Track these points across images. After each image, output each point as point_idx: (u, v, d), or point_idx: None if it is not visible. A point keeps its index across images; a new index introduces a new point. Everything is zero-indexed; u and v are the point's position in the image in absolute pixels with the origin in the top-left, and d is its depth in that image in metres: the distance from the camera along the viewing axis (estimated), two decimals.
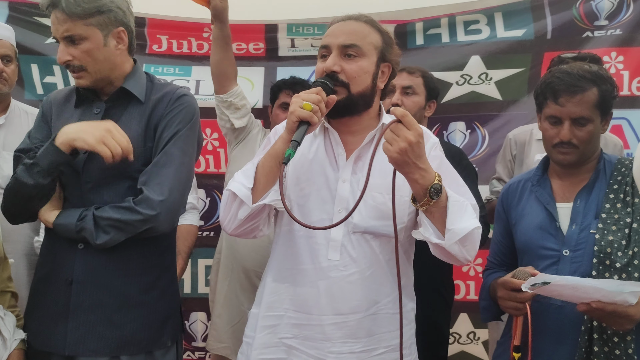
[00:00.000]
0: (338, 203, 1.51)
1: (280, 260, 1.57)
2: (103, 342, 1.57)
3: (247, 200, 1.45)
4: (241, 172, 1.51)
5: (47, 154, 1.54)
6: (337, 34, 1.53)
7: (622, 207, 1.62)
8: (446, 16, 3.03)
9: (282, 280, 1.55)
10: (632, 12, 2.85)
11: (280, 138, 1.48)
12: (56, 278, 1.61)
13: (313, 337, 1.50)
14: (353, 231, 1.50)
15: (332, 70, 1.50)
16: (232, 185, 1.48)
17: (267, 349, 1.54)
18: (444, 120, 3.07)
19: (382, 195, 1.50)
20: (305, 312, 1.51)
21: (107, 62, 1.63)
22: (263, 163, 1.48)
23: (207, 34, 3.13)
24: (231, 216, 1.49)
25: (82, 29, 1.57)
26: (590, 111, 1.64)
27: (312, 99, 1.41)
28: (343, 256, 1.50)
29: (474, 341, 3.08)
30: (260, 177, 1.46)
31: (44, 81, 3.06)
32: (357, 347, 1.50)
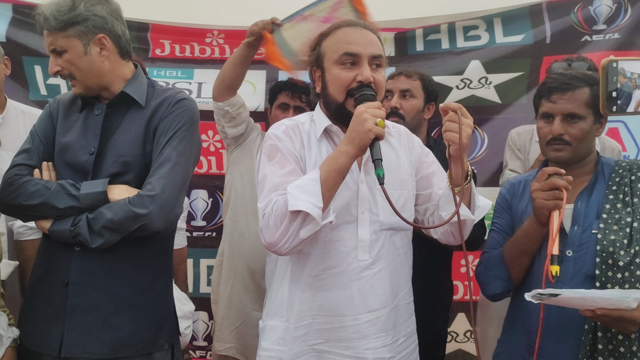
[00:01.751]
0: (361, 204, 1.55)
1: (305, 268, 1.56)
2: (99, 343, 1.58)
3: (319, 218, 1.40)
4: (298, 188, 1.42)
5: (94, 199, 1.57)
6: (365, 44, 1.56)
7: (622, 207, 1.66)
8: (446, 23, 3.06)
9: (309, 288, 1.55)
10: (630, 16, 2.89)
11: (343, 153, 1.44)
12: (52, 279, 1.62)
13: (348, 338, 1.53)
14: (380, 229, 1.56)
15: (370, 81, 1.53)
16: (300, 205, 1.38)
17: (298, 358, 1.55)
18: None
19: (396, 191, 1.58)
20: (337, 314, 1.53)
21: (92, 70, 1.65)
22: (327, 178, 1.42)
23: (210, 39, 3.16)
24: (291, 235, 1.42)
25: (62, 41, 1.62)
26: (582, 109, 1.70)
27: (382, 115, 1.44)
28: (372, 255, 1.55)
29: (470, 339, 3.11)
30: (326, 192, 1.42)
31: (48, 82, 3.07)
32: (388, 340, 1.57)
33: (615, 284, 1.58)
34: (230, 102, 2.57)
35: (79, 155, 1.65)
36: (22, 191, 1.60)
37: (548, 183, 1.61)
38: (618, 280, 1.58)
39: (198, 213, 3.18)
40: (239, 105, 2.60)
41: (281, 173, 1.51)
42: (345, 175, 1.46)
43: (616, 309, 1.45)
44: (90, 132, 1.67)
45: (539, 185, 1.63)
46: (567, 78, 1.72)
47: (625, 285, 1.57)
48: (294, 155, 1.57)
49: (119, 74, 1.70)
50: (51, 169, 1.67)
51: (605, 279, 1.59)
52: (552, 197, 1.59)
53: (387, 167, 1.54)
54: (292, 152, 1.57)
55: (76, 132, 1.68)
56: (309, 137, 1.62)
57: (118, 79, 1.70)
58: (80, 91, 1.69)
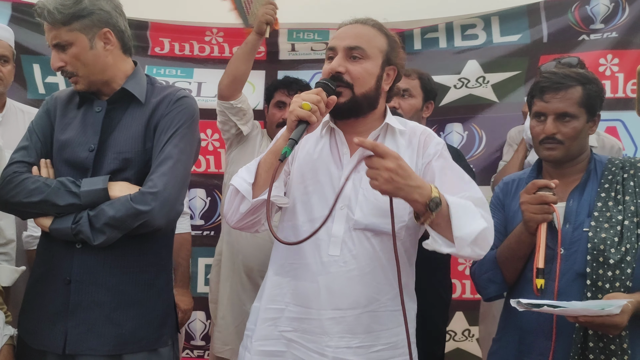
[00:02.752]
0: (341, 200, 1.54)
1: (282, 255, 1.60)
2: (103, 340, 1.58)
3: (248, 194, 1.49)
4: (245, 167, 1.56)
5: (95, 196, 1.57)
6: (344, 37, 1.58)
7: (614, 205, 1.66)
8: (443, 22, 3.07)
9: (284, 274, 1.58)
10: (627, 15, 2.89)
11: (281, 137, 1.52)
12: (54, 277, 1.62)
13: (312, 331, 1.53)
14: (354, 228, 1.53)
15: (337, 70, 1.54)
16: (235, 180, 1.53)
17: (268, 340, 1.56)
18: (441, 122, 3.10)
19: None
20: (305, 306, 1.54)
21: (97, 65, 1.65)
22: (265, 159, 1.52)
23: (209, 37, 3.17)
24: (233, 210, 1.54)
25: (66, 35, 1.61)
26: (574, 108, 1.71)
27: (311, 99, 1.45)
28: (343, 252, 1.52)
29: (468, 338, 3.11)
30: (262, 172, 1.51)
31: (46, 81, 3.08)
32: (354, 343, 1.52)
33: (605, 281, 1.58)
34: (240, 99, 2.60)
35: (79, 152, 1.64)
36: (22, 189, 1.59)
37: (538, 197, 1.61)
38: (609, 278, 1.58)
39: (196, 212, 3.18)
40: (246, 102, 2.64)
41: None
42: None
43: (598, 316, 1.46)
44: (90, 129, 1.66)
45: (529, 198, 1.62)
46: (559, 77, 1.73)
47: (616, 283, 1.58)
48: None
49: (121, 70, 1.71)
50: (49, 166, 1.67)
51: (596, 276, 1.59)
52: (541, 211, 1.60)
53: None
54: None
55: (75, 129, 1.68)
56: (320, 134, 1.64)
57: (120, 75, 1.70)
58: (83, 87, 1.68)
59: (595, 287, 1.59)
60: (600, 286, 1.59)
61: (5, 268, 1.88)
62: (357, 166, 1.55)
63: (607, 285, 1.58)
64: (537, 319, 1.63)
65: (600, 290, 1.59)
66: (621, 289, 1.58)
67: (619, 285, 1.58)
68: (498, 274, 1.78)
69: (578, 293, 1.61)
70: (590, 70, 1.91)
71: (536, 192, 1.62)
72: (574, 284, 1.63)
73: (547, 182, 1.62)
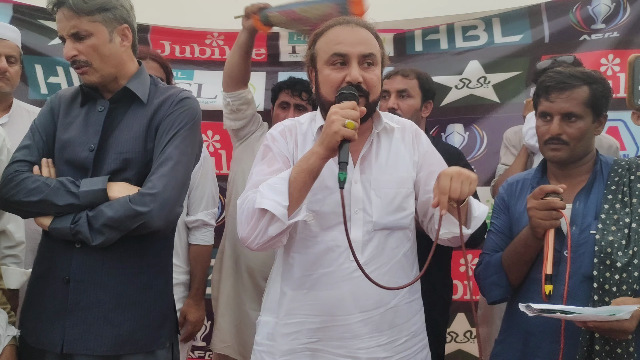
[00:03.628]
0: (354, 204, 1.54)
1: (296, 268, 1.57)
2: (100, 340, 1.57)
3: (284, 217, 1.41)
4: (268, 187, 1.45)
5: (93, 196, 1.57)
6: (353, 43, 1.54)
7: (621, 208, 1.65)
8: (445, 24, 3.06)
9: (300, 287, 1.56)
10: (628, 15, 2.88)
11: (314, 154, 1.43)
12: (53, 276, 1.61)
13: (340, 337, 1.53)
14: (374, 229, 1.54)
15: (359, 81, 1.50)
16: (265, 203, 1.41)
17: (292, 355, 1.55)
18: (442, 122, 3.10)
19: (392, 190, 1.56)
20: (329, 314, 1.53)
21: (113, 58, 1.65)
22: (296, 178, 1.43)
23: (210, 40, 3.17)
24: (259, 232, 1.44)
25: (88, 25, 1.61)
26: (580, 108, 1.69)
27: (353, 116, 1.39)
28: (364, 255, 1.52)
29: (470, 339, 3.10)
30: (294, 192, 1.42)
31: (48, 81, 3.09)
32: (383, 340, 1.55)
33: (612, 285, 1.57)
34: (234, 94, 2.57)
35: (79, 151, 1.64)
36: (22, 188, 1.59)
37: (545, 203, 1.58)
38: (616, 282, 1.57)
39: None
40: (242, 100, 2.59)
41: (266, 172, 1.52)
42: (315, 176, 1.44)
43: (607, 322, 1.45)
44: (91, 128, 1.66)
45: (536, 203, 1.60)
46: (564, 77, 1.71)
47: (623, 286, 1.56)
48: (284, 156, 1.58)
49: (129, 68, 1.71)
50: (51, 165, 1.67)
51: (603, 279, 1.58)
52: (549, 217, 1.58)
53: (382, 165, 1.56)
54: (283, 153, 1.58)
55: (77, 129, 1.67)
56: (304, 137, 1.62)
57: (127, 73, 1.70)
58: (94, 80, 1.66)
59: (603, 290, 1.57)
60: (608, 289, 1.57)
61: (14, 271, 1.88)
62: (364, 168, 1.57)
63: (614, 288, 1.57)
64: (542, 321, 1.61)
65: (607, 294, 1.57)
66: (628, 292, 1.56)
67: (626, 289, 1.56)
68: (503, 277, 1.76)
69: (585, 296, 1.60)
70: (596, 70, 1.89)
71: (544, 198, 1.60)
72: (580, 286, 1.61)
73: (555, 188, 1.60)
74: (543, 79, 1.77)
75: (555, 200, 1.58)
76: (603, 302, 1.57)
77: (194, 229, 2.48)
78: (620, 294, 1.56)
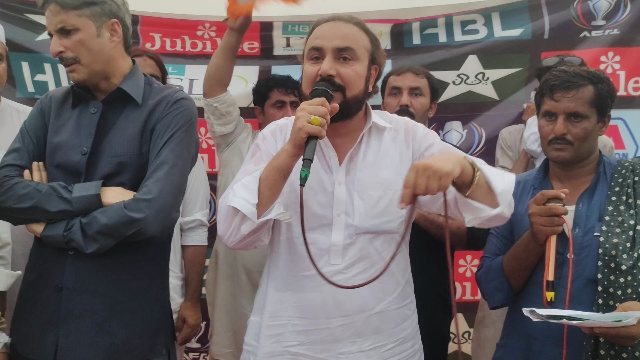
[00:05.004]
0: (337, 207, 1.51)
1: (280, 269, 1.56)
2: (95, 349, 1.55)
3: (252, 216, 1.41)
4: (241, 185, 1.45)
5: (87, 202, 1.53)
6: (331, 37, 1.50)
7: (625, 210, 1.63)
8: (443, 16, 3.02)
9: (284, 288, 1.54)
10: (629, 12, 2.87)
11: (284, 151, 1.43)
12: (45, 284, 1.58)
13: (322, 341, 1.51)
14: (355, 233, 1.50)
15: (328, 74, 1.47)
16: (235, 201, 1.42)
17: (273, 358, 1.53)
18: (440, 120, 3.07)
19: (377, 193, 1.51)
20: (311, 317, 1.51)
21: (101, 54, 1.61)
22: (267, 176, 1.43)
23: (201, 32, 3.11)
24: (232, 230, 1.45)
25: (75, 19, 1.57)
26: (585, 107, 1.67)
27: (320, 112, 1.37)
28: (345, 259, 1.50)
29: (469, 340, 3.08)
30: (264, 190, 1.42)
31: (35, 79, 3.02)
32: (366, 345, 1.52)
33: (617, 288, 1.55)
34: (219, 98, 2.52)
35: (71, 155, 1.60)
36: (12, 194, 1.55)
37: (547, 209, 1.57)
38: (620, 285, 1.55)
39: None
40: (229, 103, 2.55)
41: (252, 170, 1.50)
42: (286, 174, 1.42)
43: (613, 328, 1.43)
44: (84, 131, 1.62)
45: (538, 209, 1.58)
46: (570, 76, 1.68)
47: (628, 290, 1.55)
48: (271, 155, 1.54)
49: (120, 66, 1.66)
50: (42, 169, 1.63)
51: (608, 283, 1.56)
52: (551, 223, 1.57)
53: (369, 167, 1.53)
54: (270, 152, 1.55)
55: (69, 131, 1.63)
56: None
57: (119, 71, 1.66)
58: (82, 77, 1.62)
59: (607, 293, 1.56)
60: (612, 292, 1.56)
61: (0, 272, 1.82)
62: (350, 169, 1.53)
63: (619, 291, 1.55)
64: (545, 325, 1.59)
65: (611, 297, 1.56)
66: (633, 295, 1.55)
67: (631, 292, 1.55)
68: (504, 282, 1.75)
69: (589, 299, 1.58)
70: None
71: (545, 203, 1.58)
72: (584, 290, 1.60)
73: (557, 193, 1.58)
74: (547, 78, 1.74)
75: (556, 206, 1.56)
76: (608, 305, 1.55)
77: (190, 229, 2.46)
78: (625, 297, 1.55)
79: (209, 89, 2.53)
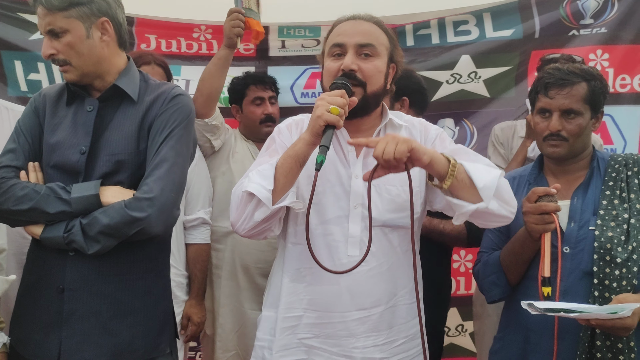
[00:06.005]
0: (353, 199, 1.52)
1: (296, 260, 1.56)
2: (99, 350, 1.53)
3: (267, 201, 1.42)
4: (257, 172, 1.47)
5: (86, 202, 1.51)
6: (352, 34, 1.54)
7: (619, 204, 1.66)
8: (436, 18, 3.06)
9: (299, 280, 1.54)
10: (616, 10, 2.92)
11: (301, 140, 1.45)
12: (46, 286, 1.56)
13: (336, 335, 1.51)
14: (372, 225, 1.49)
15: (350, 68, 1.50)
16: (251, 186, 1.43)
17: (287, 350, 1.53)
18: (432, 117, 3.09)
19: (396, 188, 1.54)
20: (326, 310, 1.51)
21: (92, 55, 1.58)
22: (282, 163, 1.44)
23: (197, 34, 3.10)
24: (246, 217, 1.46)
25: (62, 21, 1.54)
26: (580, 104, 1.70)
27: (338, 102, 1.39)
28: (362, 251, 1.49)
29: (462, 333, 3.12)
30: (280, 177, 1.43)
31: (28, 78, 2.97)
32: (380, 340, 1.53)
33: (612, 280, 1.59)
34: (214, 116, 2.49)
35: (69, 155, 1.57)
36: (10, 195, 1.52)
37: (538, 207, 1.59)
38: (616, 277, 1.59)
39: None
40: (218, 113, 2.53)
41: (265, 162, 1.51)
42: (302, 162, 1.44)
43: (609, 319, 1.46)
44: (81, 129, 1.59)
45: (530, 207, 1.61)
46: (564, 73, 1.72)
47: (623, 282, 1.58)
48: (286, 148, 1.54)
49: (115, 64, 1.63)
50: (38, 169, 1.60)
51: (603, 275, 1.60)
52: (542, 221, 1.59)
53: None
54: (286, 145, 1.56)
55: (65, 130, 1.60)
56: None
57: (113, 69, 1.63)
58: (74, 78, 1.59)
59: (603, 285, 1.59)
60: (608, 285, 1.59)
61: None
62: (367, 163, 1.54)
63: (614, 284, 1.59)
64: (542, 318, 1.62)
65: (607, 289, 1.59)
66: (628, 287, 1.59)
67: (626, 284, 1.58)
68: (502, 277, 1.77)
69: (585, 292, 1.62)
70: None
71: (537, 201, 1.61)
72: (580, 282, 1.63)
73: (548, 190, 1.61)
74: (541, 76, 1.78)
75: (547, 204, 1.58)
76: (603, 297, 1.59)
77: (192, 228, 2.45)
78: (620, 290, 1.58)
79: (206, 107, 2.45)
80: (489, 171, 1.45)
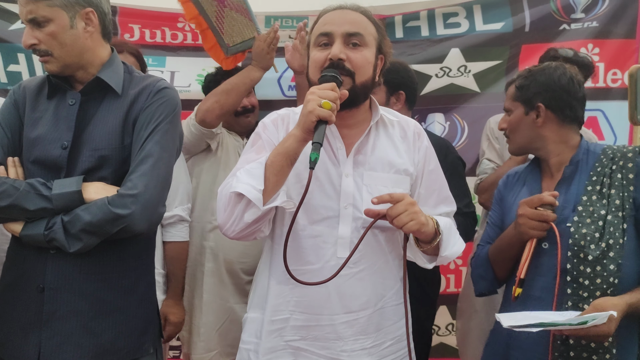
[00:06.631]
0: (344, 199, 1.49)
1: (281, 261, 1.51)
2: (80, 351, 1.49)
3: (258, 202, 1.36)
4: (245, 172, 1.41)
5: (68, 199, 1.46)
6: (340, 23, 1.50)
7: (598, 199, 1.63)
8: (425, 9, 3.02)
9: (286, 281, 1.48)
10: (607, 5, 2.90)
11: (291, 136, 1.39)
12: (26, 285, 1.52)
13: (324, 337, 1.49)
14: (362, 226, 1.48)
15: (339, 57, 1.45)
16: (240, 187, 1.37)
17: (274, 353, 1.51)
18: (422, 112, 3.07)
19: (387, 189, 1.50)
20: (314, 312, 1.49)
21: (75, 46, 1.54)
22: (273, 162, 1.39)
23: (182, 24, 3.04)
24: (235, 218, 1.40)
25: (45, 10, 1.49)
26: (509, 102, 1.82)
27: (330, 96, 1.35)
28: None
29: (452, 332, 3.11)
30: (270, 176, 1.38)
31: (8, 69, 2.91)
32: (368, 343, 1.51)
33: (585, 278, 1.56)
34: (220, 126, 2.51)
35: (50, 150, 1.53)
36: None
37: (539, 215, 1.60)
38: (588, 275, 1.56)
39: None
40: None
41: (253, 159, 1.46)
42: (293, 159, 1.39)
43: (582, 329, 1.44)
44: (63, 123, 1.55)
45: (530, 213, 1.61)
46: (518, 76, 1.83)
47: (597, 280, 1.55)
48: (273, 144, 1.51)
49: (98, 55, 1.59)
50: (17, 165, 1.56)
51: (577, 273, 1.57)
52: (540, 228, 1.60)
53: (379, 162, 1.52)
54: (272, 141, 1.52)
55: (46, 124, 1.56)
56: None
57: (97, 61, 1.59)
58: (55, 69, 1.55)
59: (577, 283, 1.57)
60: (581, 282, 1.57)
61: None
62: (357, 161, 1.52)
63: (586, 281, 1.56)
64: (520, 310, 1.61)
65: (580, 287, 1.57)
66: (603, 285, 1.55)
67: (601, 282, 1.55)
68: (489, 271, 1.77)
69: (560, 289, 1.59)
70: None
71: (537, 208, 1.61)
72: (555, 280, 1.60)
73: (552, 200, 1.62)
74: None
75: (548, 212, 1.60)
76: (577, 295, 1.56)
77: (169, 225, 2.40)
78: (594, 287, 1.55)
79: (220, 121, 2.48)
80: (456, 239, 1.55)
